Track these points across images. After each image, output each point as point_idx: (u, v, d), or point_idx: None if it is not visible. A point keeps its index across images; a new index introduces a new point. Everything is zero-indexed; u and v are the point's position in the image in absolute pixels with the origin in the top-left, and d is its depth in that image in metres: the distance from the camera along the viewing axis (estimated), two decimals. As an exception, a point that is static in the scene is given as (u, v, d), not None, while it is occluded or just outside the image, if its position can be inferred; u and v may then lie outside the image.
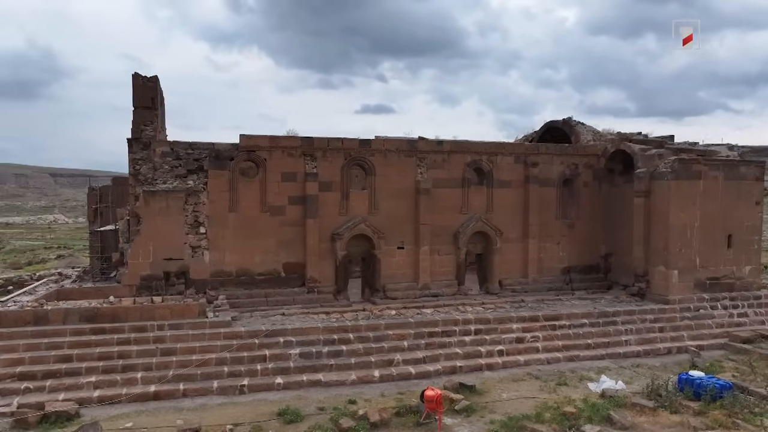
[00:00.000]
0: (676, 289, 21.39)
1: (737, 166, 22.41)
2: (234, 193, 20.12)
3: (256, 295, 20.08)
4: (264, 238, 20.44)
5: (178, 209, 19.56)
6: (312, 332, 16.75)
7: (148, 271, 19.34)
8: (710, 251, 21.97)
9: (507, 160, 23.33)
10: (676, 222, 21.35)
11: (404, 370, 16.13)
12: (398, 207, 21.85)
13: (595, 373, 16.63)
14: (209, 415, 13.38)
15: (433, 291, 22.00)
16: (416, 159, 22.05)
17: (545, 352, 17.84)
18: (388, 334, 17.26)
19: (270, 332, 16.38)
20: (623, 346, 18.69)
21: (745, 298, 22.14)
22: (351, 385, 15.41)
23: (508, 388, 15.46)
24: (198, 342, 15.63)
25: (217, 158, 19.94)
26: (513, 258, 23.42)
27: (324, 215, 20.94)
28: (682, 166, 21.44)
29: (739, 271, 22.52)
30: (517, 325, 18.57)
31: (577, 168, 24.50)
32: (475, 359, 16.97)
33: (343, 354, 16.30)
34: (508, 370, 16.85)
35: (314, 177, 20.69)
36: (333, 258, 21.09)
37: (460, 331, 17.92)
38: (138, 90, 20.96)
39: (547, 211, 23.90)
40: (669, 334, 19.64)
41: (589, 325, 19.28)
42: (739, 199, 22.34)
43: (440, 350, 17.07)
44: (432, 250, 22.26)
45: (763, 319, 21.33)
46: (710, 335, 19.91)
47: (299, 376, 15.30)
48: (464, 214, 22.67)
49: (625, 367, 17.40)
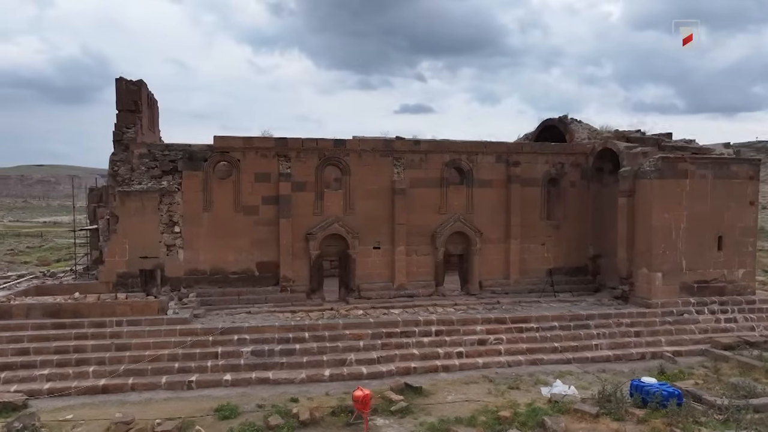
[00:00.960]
0: (660, 292, 20.60)
1: (728, 165, 21.38)
2: (208, 193, 20.56)
3: (228, 294, 20.46)
4: (238, 238, 20.81)
5: (153, 209, 20.14)
6: (268, 331, 16.96)
7: (125, 268, 20.01)
8: (698, 253, 21.06)
9: (488, 159, 22.98)
10: (659, 223, 20.56)
11: (356, 370, 16.13)
12: (374, 207, 21.84)
13: (554, 378, 16.18)
14: (150, 409, 13.73)
15: (409, 291, 21.91)
16: (392, 159, 21.99)
17: (508, 355, 17.51)
18: (345, 333, 17.30)
19: (225, 330, 16.69)
20: (593, 350, 18.15)
21: (736, 302, 21.12)
22: (299, 384, 15.52)
23: (457, 390, 15.26)
24: (153, 338, 16.07)
25: (191, 159, 20.41)
26: (494, 259, 23.06)
27: (298, 215, 21.15)
28: (666, 164, 20.64)
29: (731, 274, 21.49)
30: (481, 327, 18.29)
31: (563, 167, 23.90)
32: (431, 361, 16.81)
33: (296, 353, 16.45)
34: (465, 373, 16.63)
35: (288, 177, 20.92)
36: (307, 258, 21.27)
37: (420, 332, 17.79)
38: (121, 94, 21.69)
39: (531, 211, 23.42)
40: (645, 338, 18.94)
41: (559, 328, 18.79)
42: (730, 198, 21.32)
43: (396, 351, 16.99)
44: (409, 250, 22.16)
45: (753, 325, 20.29)
46: (691, 341, 19.09)
47: (249, 374, 15.52)
48: (443, 215, 22.46)
49: (589, 372, 16.90)
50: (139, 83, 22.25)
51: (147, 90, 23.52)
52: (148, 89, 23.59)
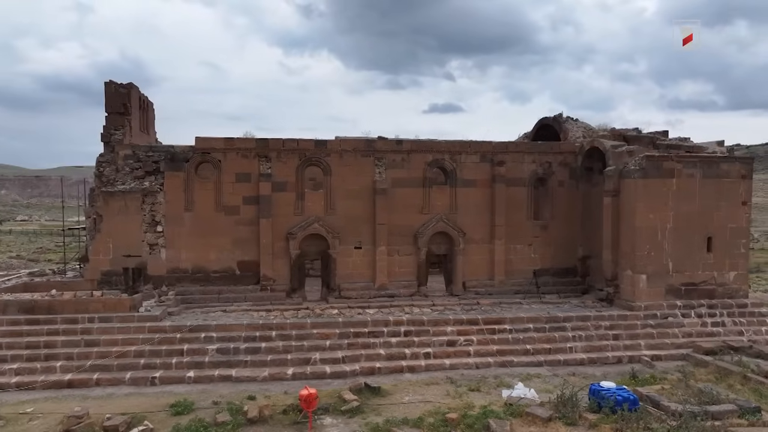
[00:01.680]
0: (645, 294, 20.08)
1: (717, 163, 20.67)
2: (189, 193, 20.93)
3: (209, 292, 20.79)
4: (219, 237, 21.12)
5: (136, 209, 20.62)
6: (235, 329, 17.19)
7: (108, 267, 20.55)
8: (686, 255, 20.44)
9: (472, 158, 22.76)
10: (644, 223, 20.04)
11: (320, 369, 16.21)
12: (355, 207, 21.88)
13: (520, 380, 15.97)
14: (108, 404, 14.07)
15: (390, 292, 21.87)
16: (374, 159, 21.99)
17: (477, 357, 17.32)
18: (313, 333, 17.41)
19: (193, 328, 16.98)
20: (567, 353, 17.81)
21: (726, 306, 20.41)
22: (261, 382, 15.68)
23: (416, 391, 15.17)
24: (122, 335, 16.47)
25: (172, 160, 20.82)
26: (478, 259, 22.82)
27: (278, 215, 21.34)
28: (650, 163, 20.09)
29: (721, 276, 20.78)
30: (452, 328, 18.14)
31: (551, 166, 23.49)
32: (397, 361, 16.76)
33: (261, 351, 16.62)
34: (430, 374, 16.52)
35: (268, 177, 21.14)
36: (287, 257, 21.45)
37: (388, 332, 17.76)
38: (110, 97, 22.25)
39: (517, 211, 23.10)
40: (624, 342, 18.49)
41: (534, 330, 18.50)
42: (720, 198, 20.62)
43: (362, 351, 17.00)
44: (391, 250, 22.13)
45: (742, 329, 19.58)
46: (673, 345, 18.55)
47: (212, 371, 15.76)
48: (425, 215, 22.35)
49: (558, 375, 16.59)
50: (128, 86, 22.80)
51: (139, 93, 24.08)
52: (140, 92, 24.16)
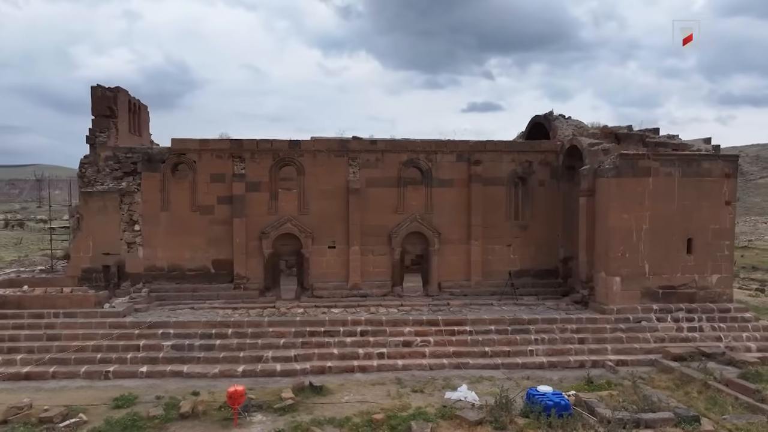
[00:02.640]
0: (618, 297, 19.46)
1: (698, 161, 19.80)
2: (166, 193, 21.49)
3: (184, 290, 21.30)
4: (194, 236, 21.61)
5: (115, 208, 21.32)
6: (193, 326, 17.57)
7: (89, 264, 21.31)
8: (664, 257, 19.68)
9: (448, 158, 22.54)
10: (617, 224, 19.42)
11: (270, 367, 16.39)
12: (329, 207, 22.00)
13: (470, 383, 15.74)
14: (57, 396, 14.60)
15: (363, 291, 21.89)
16: (347, 159, 22.06)
17: (432, 358, 17.15)
18: (269, 331, 17.62)
19: (152, 324, 17.44)
20: (526, 356, 17.43)
21: (707, 310, 19.54)
22: (211, 378, 15.97)
23: (359, 391, 15.16)
24: (84, 330, 17.08)
25: (149, 161, 21.42)
26: (455, 260, 22.58)
27: (252, 214, 21.67)
28: (625, 162, 19.45)
29: (702, 279, 19.91)
30: (411, 329, 18.03)
31: (531, 166, 23.03)
32: (349, 361, 16.77)
33: (215, 348, 16.93)
34: (380, 374, 16.46)
35: (241, 178, 21.50)
36: (261, 256, 21.74)
37: (344, 331, 17.79)
38: (96, 100, 23.04)
39: (496, 211, 22.74)
40: (589, 346, 17.96)
41: (495, 332, 18.19)
42: (701, 198, 19.76)
43: (316, 350, 17.09)
44: (365, 250, 22.15)
45: (720, 334, 18.71)
46: (642, 350, 17.89)
47: (165, 367, 16.15)
48: (400, 214, 22.28)
49: (511, 379, 16.25)
50: (115, 90, 23.56)
51: (128, 96, 24.86)
52: (129, 96, 24.93)
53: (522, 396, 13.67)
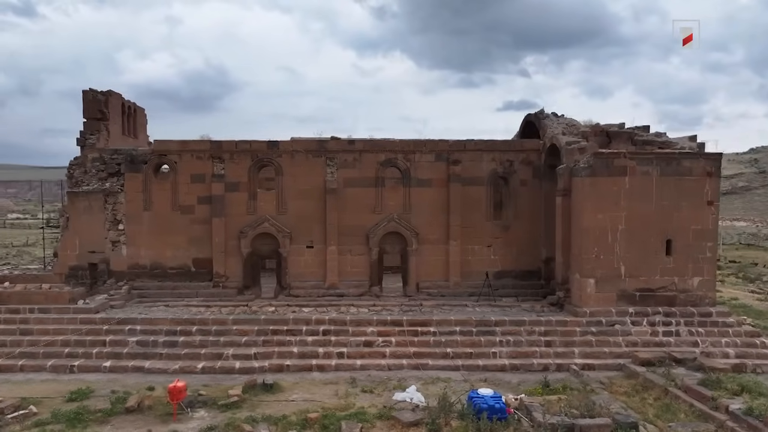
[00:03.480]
0: (593, 300, 18.98)
1: (678, 160, 19.10)
2: (148, 193, 22.06)
3: (165, 287, 21.83)
4: (175, 235, 22.12)
5: (99, 208, 22.01)
6: (160, 323, 17.99)
7: (75, 262, 22.07)
8: (641, 259, 19.08)
9: (427, 158, 22.41)
10: (591, 224, 18.94)
11: (229, 364, 16.65)
12: (307, 207, 22.18)
13: (424, 384, 15.65)
14: (19, 388, 15.17)
15: (340, 291, 21.98)
16: (325, 159, 22.19)
17: (392, 358, 17.09)
18: (232, 329, 17.89)
19: (121, 320, 17.96)
20: (489, 358, 17.18)
21: (686, 314, 18.84)
22: (171, 374, 16.28)
23: (309, 390, 15.24)
24: (56, 325, 17.72)
25: (132, 162, 22.03)
26: (434, 260, 22.44)
27: (231, 214, 22.03)
28: (599, 161, 18.95)
29: (683, 282, 19.20)
30: (374, 329, 18.01)
31: (513, 165, 22.68)
32: (308, 360, 16.88)
33: (178, 345, 17.30)
34: (337, 374, 16.50)
35: (221, 178, 21.89)
36: (240, 255, 22.09)
37: (307, 330, 17.91)
38: (87, 104, 23.87)
39: (475, 211, 22.49)
40: (556, 349, 17.57)
41: (460, 333, 17.99)
42: (682, 198, 19.06)
43: (276, 348, 17.27)
44: (343, 250, 22.25)
45: (697, 339, 18.00)
46: (611, 354, 17.39)
47: (128, 362, 16.61)
48: (378, 214, 22.28)
49: (467, 381, 16.05)
50: (107, 94, 24.35)
51: (122, 99, 25.67)
52: (123, 99, 25.74)
53: (455, 398, 13.48)
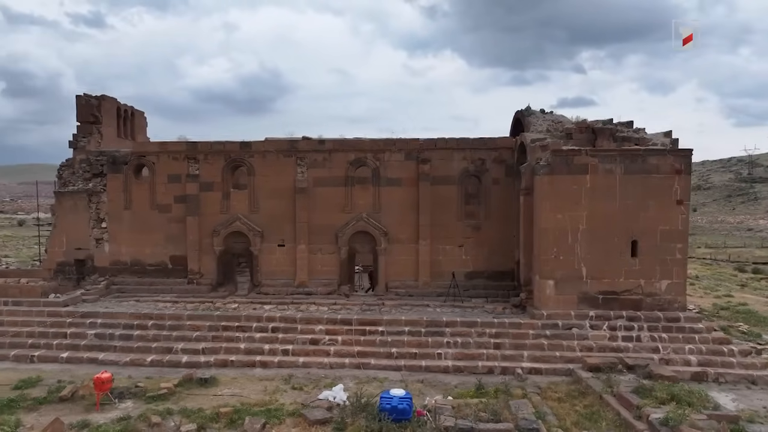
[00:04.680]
0: (552, 302, 18.37)
1: (644, 157, 18.20)
2: (128, 193, 23.01)
3: (143, 283, 22.72)
4: (154, 233, 22.96)
5: (84, 207, 23.12)
6: (119, 317, 18.74)
7: (63, 258, 23.28)
8: (604, 260, 18.31)
9: (396, 157, 22.31)
10: (550, 224, 18.34)
11: (177, 358, 17.15)
12: (278, 206, 22.52)
13: (357, 383, 15.61)
14: (-23, 377, 16.25)
15: (309, 289, 22.20)
16: (296, 159, 22.47)
17: (335, 357, 17.13)
18: (186, 324, 18.41)
19: (84, 314, 18.83)
20: (433, 359, 16.93)
21: (652, 319, 17.93)
22: (122, 366, 16.98)
23: (242, 386, 15.50)
24: (25, 317, 18.78)
25: (113, 163, 23.03)
26: (404, 260, 22.31)
27: (206, 213, 22.67)
28: (558, 158, 18.33)
29: (650, 285, 18.28)
30: (322, 327, 18.10)
31: (484, 163, 22.24)
32: (252, 356, 17.17)
33: (133, 338, 17.97)
34: (278, 370, 16.66)
35: (195, 178, 22.55)
36: (214, 253, 22.68)
37: (256, 327, 18.21)
38: (81, 108, 25.06)
39: (446, 211, 22.19)
40: (504, 352, 17.12)
41: (408, 333, 17.82)
42: (648, 197, 18.16)
43: (224, 344, 17.65)
44: (313, 249, 22.46)
45: (659, 345, 17.09)
46: (562, 359, 16.79)
47: (84, 353, 17.40)
48: (348, 214, 22.35)
49: (403, 381, 15.89)
50: (100, 98, 25.49)
51: (117, 103, 26.77)
52: (118, 103, 26.85)
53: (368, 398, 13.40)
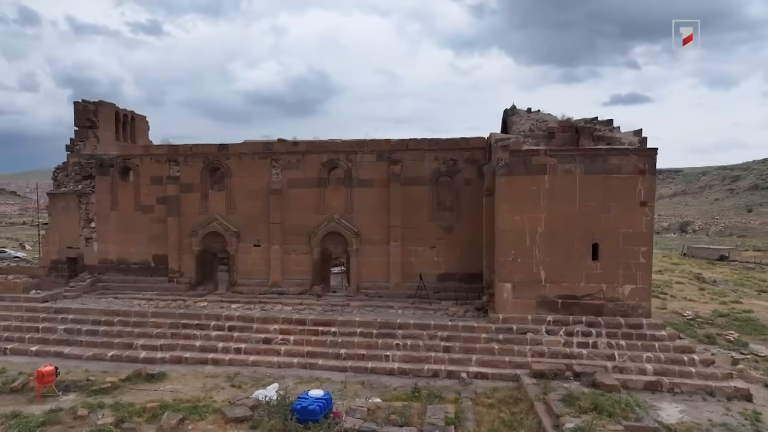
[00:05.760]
0: (510, 305, 17.97)
1: (605, 157, 17.51)
2: (114, 194, 23.98)
3: (128, 281, 23.63)
4: (137, 233, 23.84)
5: (75, 208, 24.27)
6: (89, 313, 19.56)
7: (56, 256, 24.52)
8: (564, 263, 17.75)
9: (368, 158, 22.33)
10: (508, 226, 17.94)
11: (135, 354, 17.77)
12: (254, 207, 22.96)
13: (298, 383, 15.76)
14: (-51, 368, 17.33)
15: (281, 289, 22.52)
16: (271, 160, 22.83)
17: (285, 356, 17.34)
18: (149, 321, 19.03)
19: (58, 309, 19.74)
20: (380, 360, 16.88)
21: (612, 325, 17.24)
22: (85, 360, 17.77)
23: (186, 382, 15.93)
24: (5, 312, 19.88)
25: (101, 166, 24.05)
26: (376, 261, 22.31)
27: (186, 214, 23.36)
28: (516, 159, 17.91)
29: (612, 290, 17.58)
30: (277, 327, 18.34)
31: (456, 164, 21.95)
32: (206, 353, 17.60)
33: (98, 334, 18.73)
34: (228, 368, 17.02)
35: (175, 180, 23.28)
36: (193, 252, 23.33)
37: (214, 326, 18.62)
38: (78, 113, 26.39)
39: (418, 212, 22.04)
40: (454, 355, 16.86)
41: (360, 335, 17.83)
42: (610, 198, 17.47)
43: (182, 341, 18.15)
44: (288, 249, 22.78)
45: (615, 353, 16.40)
46: (511, 364, 16.37)
47: (51, 347, 18.28)
48: (321, 214, 22.55)
49: (345, 382, 15.93)
50: (97, 104, 26.78)
51: (115, 108, 28.00)
52: (116, 108, 28.08)
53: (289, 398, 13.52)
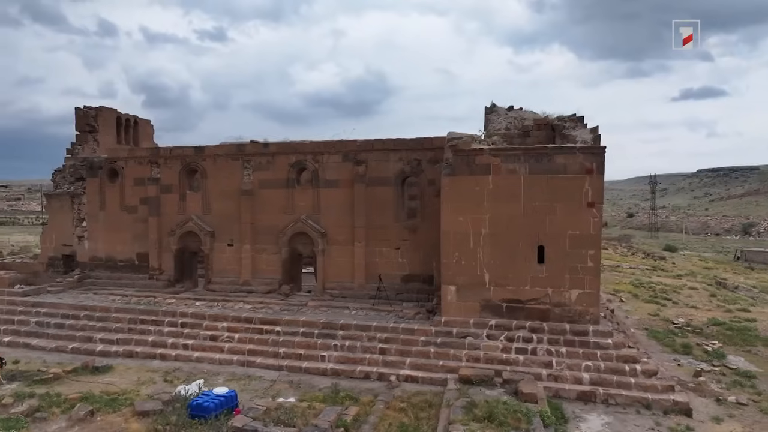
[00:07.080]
0: (453, 308, 17.62)
1: (550, 156, 16.79)
2: (102, 195, 25.22)
3: (113, 278, 24.81)
4: (123, 232, 24.97)
5: (69, 208, 25.71)
6: (61, 308, 20.69)
7: (53, 253, 26.07)
8: (509, 266, 17.20)
9: (334, 159, 22.41)
10: (452, 227, 17.60)
11: (92, 347, 18.67)
12: (228, 207, 23.54)
13: (229, 380, 16.11)
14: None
15: (251, 288, 22.98)
16: (243, 162, 23.34)
17: (227, 353, 17.73)
18: (111, 316, 19.92)
19: (34, 303, 21.00)
20: (316, 361, 16.95)
21: (556, 331, 16.54)
22: (48, 352, 18.82)
23: (125, 375, 16.59)
24: (-12, 305, 21.32)
25: (91, 168, 25.35)
26: (341, 261, 22.35)
27: (166, 214, 24.26)
28: (459, 158, 17.53)
29: (558, 295, 16.86)
30: (225, 324, 18.76)
31: (420, 164, 21.65)
32: (155, 348, 18.25)
33: (65, 327, 19.78)
34: (173, 363, 17.59)
35: (155, 181, 24.23)
36: (171, 251, 24.20)
37: (168, 322, 19.26)
38: (79, 118, 27.93)
39: (383, 213, 21.91)
40: (388, 358, 16.70)
41: (302, 334, 17.96)
42: (555, 199, 16.76)
43: (136, 336, 18.90)
44: (258, 249, 23.22)
45: (553, 360, 15.73)
46: (444, 368, 16.03)
47: (21, 339, 19.47)
48: (290, 215, 22.83)
49: (275, 380, 16.13)
50: (98, 109, 28.24)
51: (117, 113, 29.41)
52: (118, 113, 29.49)
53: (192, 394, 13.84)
